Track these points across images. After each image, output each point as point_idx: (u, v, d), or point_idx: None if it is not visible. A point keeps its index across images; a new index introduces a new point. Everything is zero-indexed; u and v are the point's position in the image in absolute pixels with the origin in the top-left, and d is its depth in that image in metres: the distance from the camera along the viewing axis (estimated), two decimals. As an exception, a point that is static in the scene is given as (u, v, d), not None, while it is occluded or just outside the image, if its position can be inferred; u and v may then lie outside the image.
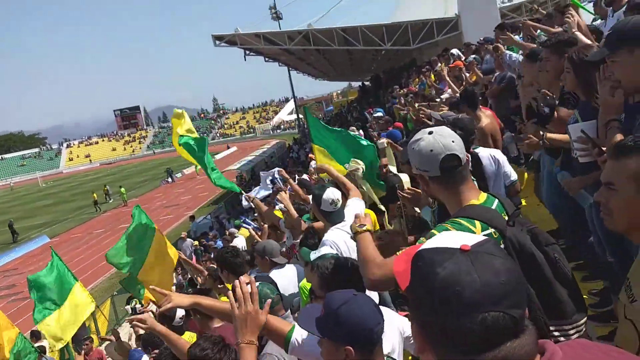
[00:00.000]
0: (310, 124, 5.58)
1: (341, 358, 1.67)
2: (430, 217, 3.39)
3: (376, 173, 5.32)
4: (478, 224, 1.74)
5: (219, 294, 4.51)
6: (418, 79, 12.63)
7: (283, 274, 4.02)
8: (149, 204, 34.65)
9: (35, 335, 9.56)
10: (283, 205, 4.64)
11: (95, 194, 39.73)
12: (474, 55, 8.31)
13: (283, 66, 37.05)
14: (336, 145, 5.30)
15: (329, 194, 3.52)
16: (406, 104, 10.04)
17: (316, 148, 5.30)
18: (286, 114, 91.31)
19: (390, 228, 4.74)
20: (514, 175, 3.91)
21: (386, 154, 5.74)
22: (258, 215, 10.22)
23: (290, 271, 4.16)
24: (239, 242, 9.23)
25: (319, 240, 3.49)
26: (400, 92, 12.52)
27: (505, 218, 1.82)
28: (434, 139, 1.82)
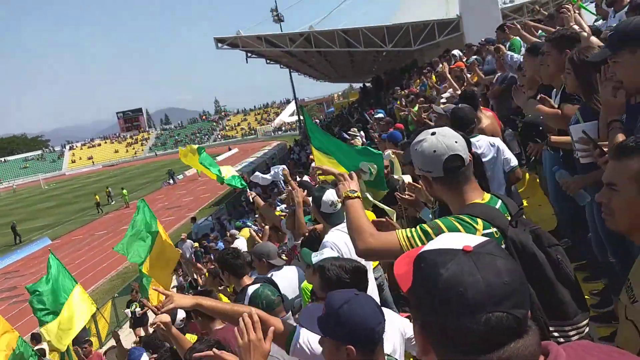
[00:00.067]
0: (309, 127, 5.57)
1: (342, 357, 1.67)
2: (429, 219, 3.38)
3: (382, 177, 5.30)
4: (480, 222, 1.74)
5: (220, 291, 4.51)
6: (419, 80, 12.61)
7: (282, 276, 4.01)
8: (151, 206, 34.34)
9: (36, 338, 9.57)
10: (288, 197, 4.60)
11: (97, 196, 39.73)
12: (475, 56, 8.31)
13: (284, 68, 37.04)
14: (336, 148, 5.27)
15: (329, 195, 3.50)
16: (407, 106, 10.03)
17: (315, 151, 5.28)
18: (287, 116, 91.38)
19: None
20: (514, 161, 3.88)
21: (392, 165, 5.65)
22: (259, 217, 10.24)
23: (289, 273, 4.15)
24: (240, 244, 9.22)
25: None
26: (401, 94, 12.52)
27: (508, 218, 1.82)
28: (436, 140, 1.82)
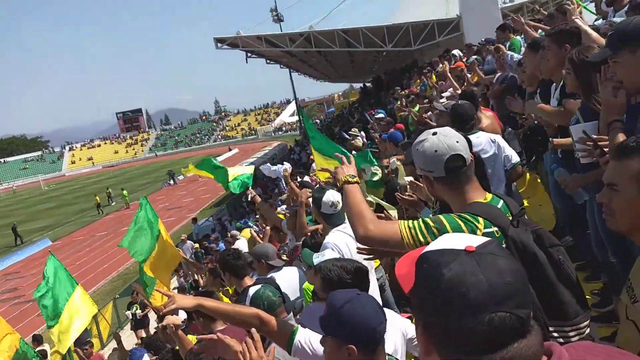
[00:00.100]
0: (307, 129, 5.59)
1: (344, 357, 1.67)
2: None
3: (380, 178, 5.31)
4: (482, 221, 1.74)
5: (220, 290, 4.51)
6: (419, 80, 12.62)
7: (281, 277, 4.01)
8: (151, 206, 34.58)
9: (37, 339, 9.57)
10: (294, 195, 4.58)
11: (97, 197, 39.73)
12: (475, 56, 8.31)
13: (284, 68, 37.02)
14: (334, 150, 5.30)
15: (329, 196, 3.50)
16: (407, 106, 10.03)
17: (315, 152, 5.30)
18: (287, 116, 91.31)
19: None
20: (515, 157, 3.84)
21: (398, 173, 5.59)
22: (260, 218, 10.24)
23: (288, 273, 4.15)
24: (241, 245, 9.22)
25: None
26: (401, 94, 12.51)
27: (510, 218, 1.82)
28: (438, 140, 1.83)
